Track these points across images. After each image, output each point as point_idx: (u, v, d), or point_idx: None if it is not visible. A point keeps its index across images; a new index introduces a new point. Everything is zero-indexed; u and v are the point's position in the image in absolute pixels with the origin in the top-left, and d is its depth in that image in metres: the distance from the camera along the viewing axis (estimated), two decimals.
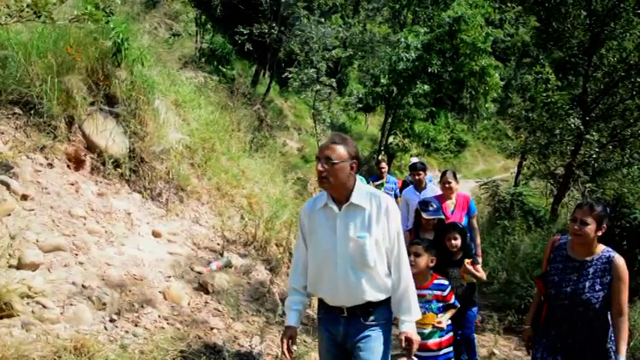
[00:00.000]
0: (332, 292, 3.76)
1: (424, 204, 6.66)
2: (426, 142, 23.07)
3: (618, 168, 12.42)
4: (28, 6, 5.29)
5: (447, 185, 7.51)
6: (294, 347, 4.00)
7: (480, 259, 7.14)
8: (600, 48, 11.68)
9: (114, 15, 8.17)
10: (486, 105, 26.20)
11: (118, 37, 8.26)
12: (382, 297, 3.69)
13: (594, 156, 12.01)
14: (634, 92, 11.32)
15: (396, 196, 10.19)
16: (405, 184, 10.54)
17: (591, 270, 4.09)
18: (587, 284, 4.06)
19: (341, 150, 3.57)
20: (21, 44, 7.29)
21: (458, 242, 5.97)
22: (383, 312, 3.74)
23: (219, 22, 18.81)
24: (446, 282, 5.49)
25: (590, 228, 4.03)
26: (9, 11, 5.38)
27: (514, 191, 15.89)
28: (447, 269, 5.92)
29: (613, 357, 4.08)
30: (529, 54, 16.14)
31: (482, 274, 6.09)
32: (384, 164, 11.21)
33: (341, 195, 3.67)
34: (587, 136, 11.73)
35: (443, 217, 6.58)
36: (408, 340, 3.62)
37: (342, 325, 3.78)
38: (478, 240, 7.56)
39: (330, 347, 3.91)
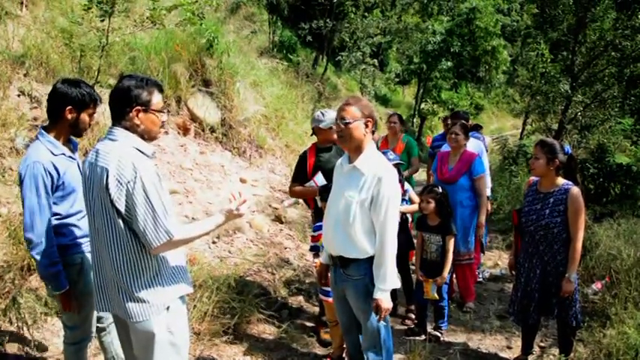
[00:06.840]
0: (325, 239, 3.42)
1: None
2: (450, 107, 22.81)
3: (600, 123, 12.25)
4: (147, 18, 5.70)
5: (452, 136, 5.40)
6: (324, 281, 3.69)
7: (482, 230, 5.45)
8: (584, 29, 11.48)
9: (205, 19, 8.51)
10: (498, 76, 25.96)
11: (210, 36, 8.65)
12: (356, 256, 3.18)
13: (579, 114, 11.96)
14: (610, 63, 11.18)
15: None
16: (434, 141, 8.15)
17: (552, 200, 3.92)
18: (547, 211, 3.92)
19: (354, 110, 3.09)
20: (143, 46, 7.75)
21: (429, 206, 4.66)
22: (359, 269, 3.19)
23: (287, 20, 18.91)
24: None
25: (541, 162, 3.88)
26: (135, 23, 5.80)
27: (519, 143, 15.72)
28: (423, 233, 4.82)
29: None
30: (531, 35, 15.83)
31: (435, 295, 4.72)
32: (449, 121, 7.78)
33: (353, 155, 3.18)
34: (574, 98, 11.64)
35: (397, 161, 4.68)
36: (378, 307, 3.11)
37: (332, 271, 3.43)
38: (483, 206, 5.40)
39: (333, 288, 3.54)
